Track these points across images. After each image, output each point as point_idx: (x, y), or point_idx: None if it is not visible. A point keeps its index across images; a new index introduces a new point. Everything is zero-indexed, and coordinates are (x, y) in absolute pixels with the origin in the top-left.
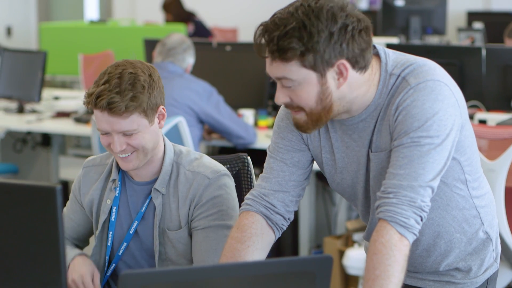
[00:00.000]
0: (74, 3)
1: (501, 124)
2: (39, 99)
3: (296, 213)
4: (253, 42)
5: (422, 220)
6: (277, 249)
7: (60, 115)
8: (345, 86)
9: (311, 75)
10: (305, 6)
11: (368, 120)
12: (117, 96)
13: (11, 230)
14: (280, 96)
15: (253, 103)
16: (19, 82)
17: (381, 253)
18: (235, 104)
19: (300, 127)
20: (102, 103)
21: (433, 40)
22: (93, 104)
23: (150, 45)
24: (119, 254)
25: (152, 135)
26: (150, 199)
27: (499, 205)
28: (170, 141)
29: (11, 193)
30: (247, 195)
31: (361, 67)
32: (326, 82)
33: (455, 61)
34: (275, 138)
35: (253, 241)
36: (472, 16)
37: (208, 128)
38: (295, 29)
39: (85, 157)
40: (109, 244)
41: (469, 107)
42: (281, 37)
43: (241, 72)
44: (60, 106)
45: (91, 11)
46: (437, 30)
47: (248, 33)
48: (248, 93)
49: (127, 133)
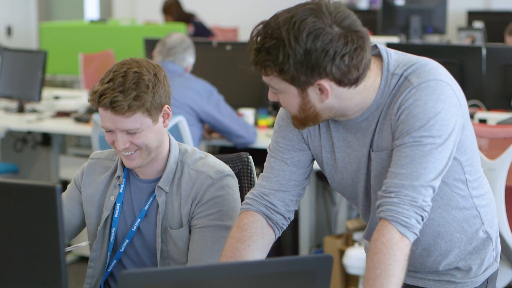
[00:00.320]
0: (74, 3)
1: (501, 123)
2: (39, 98)
3: (296, 213)
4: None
5: (423, 219)
6: (277, 249)
7: (60, 114)
8: (331, 99)
9: (292, 88)
10: (291, 23)
11: (370, 119)
12: (120, 95)
13: (11, 229)
14: (270, 95)
15: (253, 103)
16: (19, 81)
17: (382, 253)
18: (235, 103)
19: (292, 123)
20: (105, 102)
21: (433, 39)
22: (96, 102)
23: (150, 45)
24: (121, 250)
25: (156, 134)
26: (153, 197)
27: (499, 205)
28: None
29: (11, 192)
30: (247, 195)
31: (349, 83)
32: (307, 96)
33: (455, 60)
34: (276, 137)
35: (254, 241)
36: (472, 15)
37: (208, 127)
38: (273, 48)
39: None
40: (112, 240)
41: (470, 106)
42: (260, 53)
43: (241, 71)
44: (60, 105)
45: (91, 10)
46: (437, 29)
47: (248, 33)
48: (248, 93)
49: (130, 132)
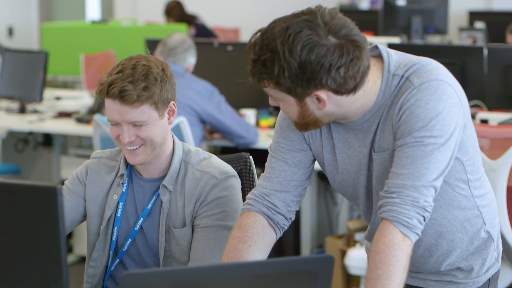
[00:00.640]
0: (75, 3)
1: (502, 123)
2: (40, 99)
3: (298, 213)
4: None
5: (425, 220)
6: (278, 249)
7: (61, 115)
8: (330, 107)
9: (289, 98)
10: (286, 35)
11: (371, 120)
12: (130, 85)
13: (12, 230)
14: (270, 101)
15: (255, 103)
16: (20, 82)
17: (383, 253)
18: (237, 104)
19: (295, 126)
20: (114, 91)
21: (434, 39)
22: (105, 92)
23: (151, 45)
24: (124, 250)
25: (161, 129)
26: (157, 196)
27: (500, 205)
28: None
29: (12, 193)
30: (249, 195)
31: (347, 92)
32: (305, 104)
33: (456, 60)
34: (277, 137)
35: (255, 241)
36: (473, 15)
37: (209, 128)
38: (268, 61)
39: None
40: (114, 239)
41: (471, 107)
42: (256, 65)
43: (242, 72)
44: (61, 106)
45: (93, 11)
46: (438, 29)
47: (250, 33)
48: (249, 93)
49: (137, 124)
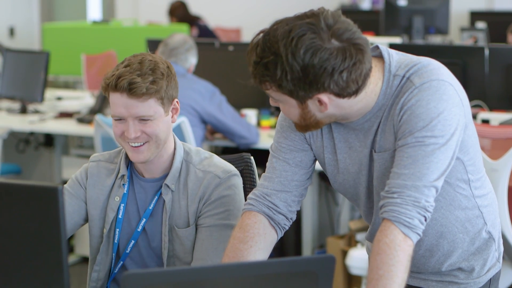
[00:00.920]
0: (77, 4)
1: (504, 123)
2: (41, 99)
3: (299, 213)
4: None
5: (426, 220)
6: (280, 249)
7: (62, 115)
8: (331, 109)
9: (291, 100)
10: (289, 38)
11: (372, 120)
12: (139, 78)
13: (13, 230)
14: (271, 101)
15: (256, 103)
16: (22, 82)
17: (384, 253)
18: (238, 104)
19: (295, 127)
20: (123, 83)
21: (436, 40)
22: (113, 85)
23: (152, 45)
24: (127, 252)
25: (166, 126)
26: (159, 196)
27: (502, 205)
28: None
29: (13, 193)
30: (250, 195)
31: (348, 95)
32: (307, 107)
33: (458, 60)
34: (278, 137)
35: (256, 241)
36: (475, 15)
37: (211, 128)
38: (271, 64)
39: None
40: (116, 241)
41: (472, 107)
42: (258, 67)
43: (244, 72)
44: (62, 106)
45: (94, 11)
46: (440, 29)
47: (251, 33)
48: (250, 93)
49: (143, 119)
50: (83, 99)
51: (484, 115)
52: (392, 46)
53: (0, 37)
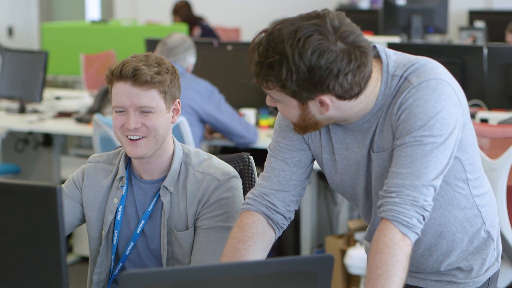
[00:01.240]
0: (75, 3)
1: (502, 123)
2: (40, 99)
3: (298, 213)
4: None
5: (424, 219)
6: (279, 249)
7: (61, 115)
8: (332, 111)
9: (292, 101)
10: (296, 38)
11: (371, 120)
12: (144, 66)
13: (12, 230)
14: (268, 101)
15: (255, 103)
16: (20, 82)
17: (383, 253)
18: (237, 103)
19: (293, 128)
20: (128, 69)
21: (434, 39)
22: (118, 72)
23: (151, 45)
24: (126, 253)
25: (166, 122)
26: (157, 198)
27: (500, 204)
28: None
29: (12, 193)
30: (248, 194)
31: (350, 97)
32: (307, 108)
33: (456, 60)
34: (276, 137)
35: (254, 241)
36: (473, 15)
37: (209, 127)
38: (276, 64)
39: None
40: (115, 243)
41: (471, 106)
42: (262, 67)
43: (242, 71)
44: (61, 106)
45: (93, 11)
46: (438, 29)
47: (250, 33)
48: (249, 93)
49: (144, 110)
50: (82, 99)
51: (482, 114)
52: (390, 45)
53: None
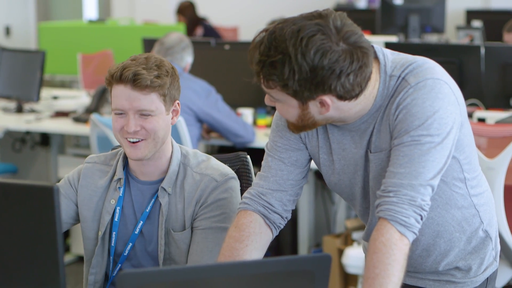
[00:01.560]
0: (73, 3)
1: (500, 122)
2: (38, 98)
3: (295, 212)
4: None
5: (422, 219)
6: (276, 248)
7: (59, 114)
8: (331, 111)
9: (292, 100)
10: (298, 38)
11: (369, 121)
12: (144, 70)
13: (9, 229)
14: (267, 100)
15: (252, 102)
16: (18, 81)
17: (381, 252)
18: (234, 103)
19: (288, 126)
20: (128, 74)
21: (432, 38)
22: (118, 76)
23: (149, 45)
24: (125, 254)
25: (165, 124)
26: (155, 199)
27: (498, 204)
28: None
29: (9, 192)
30: (245, 194)
31: (351, 97)
32: (307, 108)
33: (454, 59)
34: (273, 136)
35: (251, 240)
36: (471, 14)
37: (207, 127)
38: (278, 63)
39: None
40: (113, 244)
41: (468, 106)
42: (265, 66)
43: (240, 71)
44: (59, 105)
45: (90, 10)
46: (436, 28)
47: (248, 32)
48: (247, 92)
49: (144, 113)
50: (79, 98)
51: (480, 113)
52: (388, 45)
53: None
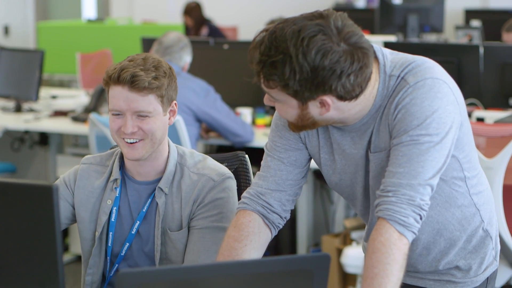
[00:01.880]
0: (71, 2)
1: (499, 121)
2: (36, 98)
3: (294, 212)
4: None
5: (421, 218)
6: (275, 247)
7: (57, 114)
8: (331, 112)
9: (292, 100)
10: (299, 38)
11: (369, 122)
12: (141, 72)
13: (8, 229)
14: (266, 100)
15: (251, 102)
16: (16, 81)
17: (380, 252)
18: (233, 102)
19: (288, 126)
20: (126, 75)
21: (430, 38)
22: (115, 77)
23: (147, 44)
24: (122, 254)
25: (163, 125)
26: (152, 199)
27: (497, 203)
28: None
29: (7, 192)
30: (244, 194)
31: (351, 98)
32: (307, 108)
33: (453, 59)
34: (273, 136)
35: (250, 240)
36: (469, 14)
37: (205, 126)
38: (279, 63)
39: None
40: (110, 244)
41: (467, 105)
42: (265, 66)
43: (238, 70)
44: (57, 105)
45: (89, 10)
46: (434, 28)
47: (247, 32)
48: (246, 92)
49: (141, 115)
50: (78, 98)
51: (479, 113)
52: (387, 44)
53: None
